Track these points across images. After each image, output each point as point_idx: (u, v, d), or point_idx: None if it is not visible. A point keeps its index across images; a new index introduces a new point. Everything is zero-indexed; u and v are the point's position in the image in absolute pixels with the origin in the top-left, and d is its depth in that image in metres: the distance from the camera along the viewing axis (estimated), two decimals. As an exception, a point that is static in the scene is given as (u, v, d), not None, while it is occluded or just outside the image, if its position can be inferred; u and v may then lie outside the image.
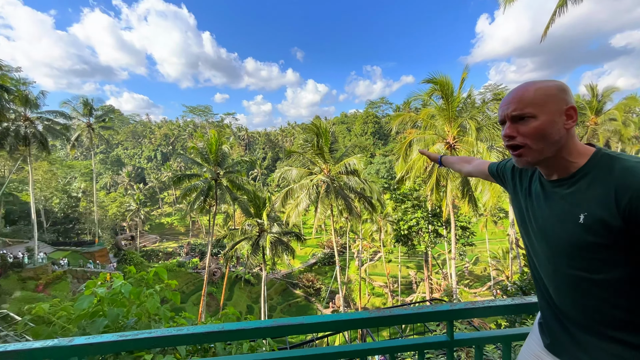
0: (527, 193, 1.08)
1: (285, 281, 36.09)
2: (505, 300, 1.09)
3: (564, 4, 8.89)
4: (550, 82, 0.94)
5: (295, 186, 17.13)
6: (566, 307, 0.97)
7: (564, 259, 0.93)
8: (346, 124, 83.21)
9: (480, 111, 16.29)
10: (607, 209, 0.82)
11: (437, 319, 1.00)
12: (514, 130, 0.96)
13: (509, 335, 1.15)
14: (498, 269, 28.84)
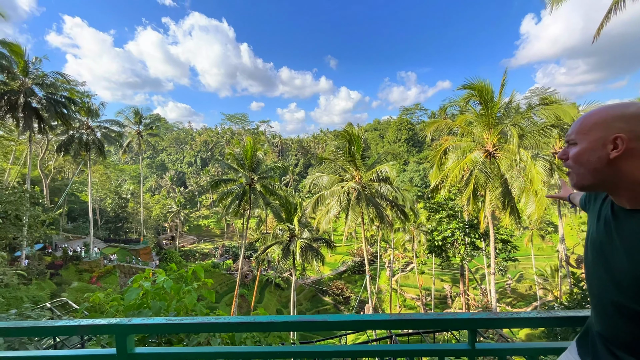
0: (597, 216, 1.07)
1: (315, 287, 36.13)
2: (531, 313, 1.07)
3: (617, 3, 8.18)
4: (618, 109, 0.91)
5: (326, 192, 17.25)
6: (612, 334, 0.96)
7: (623, 291, 0.91)
8: (379, 131, 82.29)
9: (525, 117, 15.33)
10: None
11: (459, 326, 1.01)
12: (565, 152, 1.00)
13: (535, 348, 1.13)
14: (545, 288, 26.45)
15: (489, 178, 14.48)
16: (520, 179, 13.82)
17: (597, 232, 1.02)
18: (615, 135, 0.88)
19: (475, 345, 1.03)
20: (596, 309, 1.03)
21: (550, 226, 32.02)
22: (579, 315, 1.14)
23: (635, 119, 0.87)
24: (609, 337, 0.98)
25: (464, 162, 14.50)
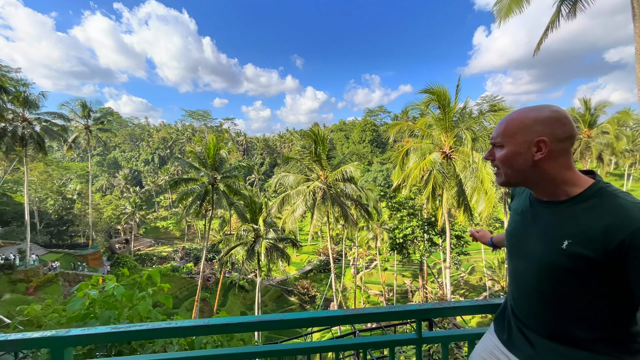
0: (518, 209, 1.15)
1: (280, 288, 35.83)
2: (472, 301, 1.18)
3: (556, 19, 9.18)
4: (535, 112, 0.97)
5: (292, 192, 17.20)
6: (525, 314, 1.07)
7: (535, 276, 1.00)
8: (344, 132, 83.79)
9: (477, 122, 16.54)
10: (593, 243, 0.86)
11: (406, 317, 1.07)
12: (492, 154, 1.07)
13: (472, 334, 1.24)
14: (493, 279, 28.83)
15: (446, 178, 15.44)
16: (472, 179, 14.87)
17: (517, 222, 1.13)
18: (538, 138, 0.94)
19: (422, 334, 1.11)
20: (512, 292, 1.14)
21: (498, 222, 34.91)
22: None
23: (553, 122, 0.94)
24: (520, 316, 1.09)
25: (423, 163, 15.29)
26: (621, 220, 0.83)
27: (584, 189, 0.95)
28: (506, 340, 1.14)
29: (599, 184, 0.94)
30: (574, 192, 0.96)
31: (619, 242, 0.82)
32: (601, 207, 0.89)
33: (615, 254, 0.82)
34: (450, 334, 1.17)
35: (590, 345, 0.93)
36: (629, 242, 0.80)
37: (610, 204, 0.88)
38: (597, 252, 0.85)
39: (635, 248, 0.80)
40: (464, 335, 1.24)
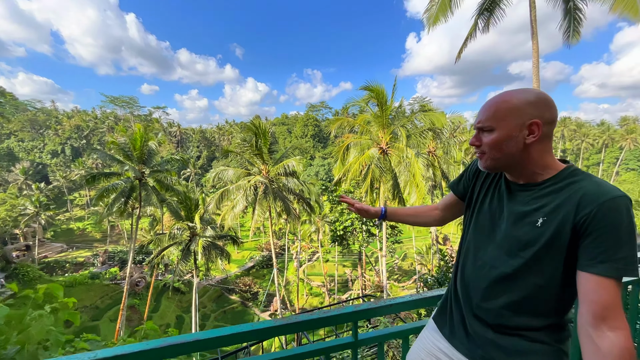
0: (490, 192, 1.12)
1: (220, 287, 34.29)
2: (405, 297, 1.20)
3: (473, 32, 10.34)
4: (523, 95, 0.95)
5: (232, 187, 16.43)
6: (476, 305, 1.04)
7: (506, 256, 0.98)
8: (287, 125, 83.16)
9: (410, 120, 17.87)
10: (565, 218, 0.88)
11: (342, 321, 1.04)
12: (478, 138, 1.03)
13: (406, 329, 1.25)
14: (422, 263, 31.96)
15: (383, 172, 16.41)
16: (406, 173, 16.08)
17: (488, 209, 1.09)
18: (531, 121, 0.92)
19: (358, 336, 1.09)
20: (466, 282, 1.09)
21: (427, 212, 38.59)
22: (440, 293, 1.32)
23: (542, 104, 0.93)
24: (468, 308, 1.07)
25: (363, 158, 16.00)
26: (593, 193, 0.85)
27: (557, 173, 0.97)
28: (449, 334, 1.13)
29: (573, 166, 0.98)
30: (551, 175, 0.98)
31: (587, 213, 0.84)
32: (576, 184, 0.91)
33: (581, 225, 0.85)
34: (385, 332, 1.17)
35: (535, 335, 0.95)
36: (594, 212, 0.83)
37: (584, 182, 0.90)
38: (567, 225, 0.87)
39: (599, 218, 0.82)
40: (398, 332, 1.24)
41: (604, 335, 0.79)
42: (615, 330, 0.78)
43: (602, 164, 68.27)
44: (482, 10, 10.15)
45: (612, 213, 0.82)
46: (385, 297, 18.84)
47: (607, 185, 0.87)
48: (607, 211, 0.82)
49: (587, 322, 0.82)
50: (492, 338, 1.00)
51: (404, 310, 1.19)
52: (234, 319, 29.63)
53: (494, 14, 9.95)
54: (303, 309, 29.43)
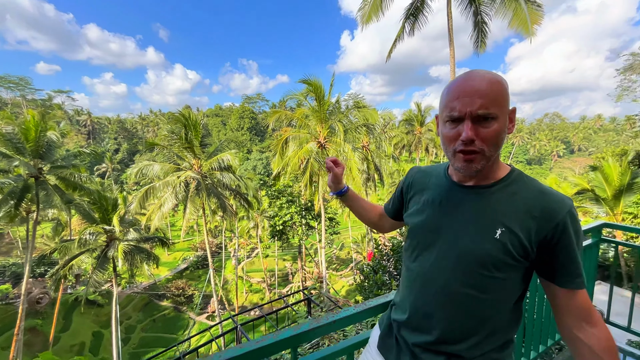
0: (429, 200, 0.97)
1: (148, 294, 31.08)
2: (348, 310, 1.13)
3: (401, 34, 11.11)
4: (501, 78, 0.81)
5: (159, 184, 14.86)
6: (422, 325, 0.92)
7: (460, 274, 0.85)
8: (221, 117, 78.66)
9: (346, 116, 18.49)
10: (526, 229, 0.80)
11: (282, 348, 0.92)
12: (476, 132, 0.79)
13: (351, 345, 1.16)
14: (358, 251, 33.88)
15: (322, 166, 16.73)
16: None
17: (432, 214, 0.94)
18: (512, 107, 0.82)
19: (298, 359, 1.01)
20: (411, 299, 0.97)
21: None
22: (386, 300, 1.25)
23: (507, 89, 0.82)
24: (415, 329, 0.94)
25: (301, 152, 16.04)
26: (552, 205, 0.80)
27: (506, 173, 0.89)
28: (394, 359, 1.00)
29: (517, 169, 0.90)
30: (499, 176, 0.88)
31: (552, 228, 0.79)
32: (528, 192, 0.84)
33: (549, 240, 0.80)
34: (327, 353, 1.08)
35: (484, 355, 0.87)
36: (561, 226, 0.78)
37: (535, 189, 0.83)
38: (529, 239, 0.80)
39: (566, 232, 0.79)
40: (343, 350, 1.15)
41: (589, 333, 0.81)
42: (595, 325, 0.82)
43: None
44: (408, 14, 10.96)
45: (573, 225, 0.80)
46: (325, 287, 19.42)
47: (556, 192, 0.83)
48: (569, 224, 0.79)
49: (573, 326, 0.84)
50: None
51: (349, 324, 1.11)
52: (166, 326, 27.27)
53: (419, 20, 10.85)
54: (243, 306, 28.60)
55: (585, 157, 60.69)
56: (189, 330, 25.84)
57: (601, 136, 77.81)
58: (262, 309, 20.03)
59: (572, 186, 17.75)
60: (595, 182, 15.47)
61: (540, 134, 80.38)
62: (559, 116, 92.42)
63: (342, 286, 29.62)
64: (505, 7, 9.30)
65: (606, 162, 14.82)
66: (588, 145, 77.45)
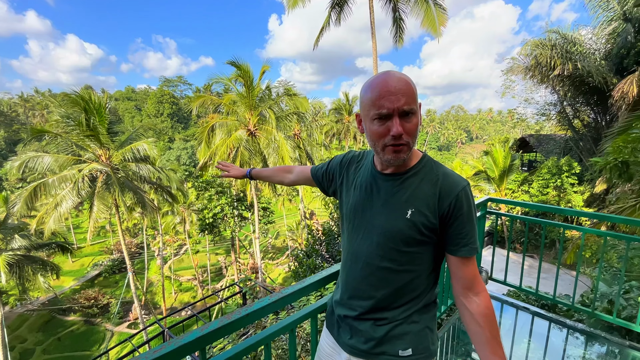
0: (357, 184, 1.09)
1: (49, 309, 26.29)
2: (263, 301, 1.11)
3: (327, 23, 11.28)
4: (408, 76, 0.92)
5: (53, 179, 12.43)
6: (353, 297, 1.05)
7: (379, 249, 0.98)
8: (134, 101, 69.26)
9: (277, 103, 18.14)
10: (431, 208, 0.92)
11: (185, 353, 0.84)
12: (402, 127, 0.88)
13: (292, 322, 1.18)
14: (293, 239, 34.36)
15: (252, 154, 16.22)
16: (275, 155, 16.45)
17: (359, 197, 1.06)
18: (419, 102, 0.93)
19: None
20: (344, 276, 1.11)
21: (294, 191, 41.25)
22: (318, 279, 1.28)
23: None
24: (347, 303, 1.07)
25: (230, 140, 15.25)
26: (449, 185, 0.93)
27: (418, 160, 1.01)
28: (336, 335, 1.12)
29: (427, 156, 1.03)
30: (412, 163, 1.00)
31: (448, 204, 0.91)
32: (433, 175, 0.97)
33: (446, 214, 0.92)
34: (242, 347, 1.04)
35: (407, 317, 1.00)
36: (454, 202, 0.91)
37: (439, 173, 0.97)
38: (434, 216, 0.93)
39: (459, 207, 0.91)
40: (284, 328, 1.17)
41: (472, 300, 0.94)
42: (478, 294, 0.94)
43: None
44: (334, 4, 11.15)
45: (466, 201, 0.92)
46: (261, 277, 19.27)
47: (454, 174, 0.98)
48: (463, 200, 0.92)
49: (460, 293, 0.97)
50: (368, 328, 1.02)
51: (264, 315, 1.10)
52: (75, 343, 23.61)
53: (344, 10, 11.14)
54: (173, 308, 26.48)
55: (481, 144, 72.22)
56: (105, 344, 22.88)
57: (492, 126, 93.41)
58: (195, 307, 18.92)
59: (471, 168, 20.95)
60: (487, 164, 18.53)
61: (448, 124, 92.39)
62: (462, 108, 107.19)
63: (279, 274, 29.82)
64: (418, 6, 10.21)
65: (494, 148, 17.91)
66: (483, 134, 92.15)
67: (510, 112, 72.79)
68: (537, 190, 15.50)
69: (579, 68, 10.98)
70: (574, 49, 12.00)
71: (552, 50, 11.56)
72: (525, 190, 16.83)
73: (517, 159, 18.83)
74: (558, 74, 11.42)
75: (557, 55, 11.35)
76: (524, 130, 58.88)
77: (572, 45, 12.10)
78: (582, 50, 12.31)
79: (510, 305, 2.88)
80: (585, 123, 14.96)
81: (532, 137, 21.58)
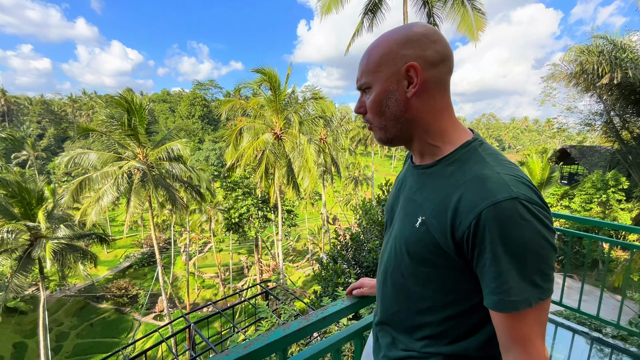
0: (398, 180, 0.92)
1: (84, 296, 28.09)
2: (337, 305, 1.10)
3: (360, 29, 11.29)
4: (395, 33, 0.71)
5: (96, 175, 13.33)
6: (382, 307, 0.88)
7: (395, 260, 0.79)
8: (169, 104, 72.97)
9: (302, 107, 18.38)
10: (442, 224, 0.65)
11: (272, 351, 0.88)
12: (362, 103, 0.77)
13: (340, 340, 1.12)
14: (315, 242, 34.38)
15: (278, 158, 16.48)
16: (299, 158, 16.63)
17: (391, 195, 0.91)
18: (407, 64, 0.68)
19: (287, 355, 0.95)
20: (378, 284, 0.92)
21: (317, 195, 41.36)
22: None
23: (419, 40, 0.68)
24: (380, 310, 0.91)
25: (257, 143, 15.61)
26: (473, 196, 0.61)
27: (456, 148, 0.72)
28: (374, 343, 0.96)
29: (473, 143, 0.71)
30: (445, 152, 0.73)
31: (467, 225, 0.60)
32: (462, 174, 0.66)
33: (464, 240, 0.61)
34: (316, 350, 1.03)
35: (428, 356, 0.76)
36: (474, 225, 0.59)
37: (472, 172, 0.65)
38: (444, 236, 0.65)
39: (481, 233, 0.59)
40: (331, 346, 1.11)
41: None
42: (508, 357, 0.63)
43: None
44: (367, 10, 11.15)
45: (496, 226, 0.57)
46: (282, 279, 19.41)
47: (493, 179, 0.61)
48: (489, 223, 0.58)
49: (500, 347, 0.66)
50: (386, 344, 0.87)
51: (338, 319, 1.10)
52: (106, 330, 24.99)
53: (377, 16, 11.11)
54: (195, 304, 27.35)
55: (514, 154, 68.77)
56: (133, 333, 24.00)
57: (526, 135, 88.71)
58: (217, 305, 19.42)
59: (504, 179, 19.84)
60: (522, 175, 17.48)
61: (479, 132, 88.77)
62: (494, 116, 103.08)
63: (299, 277, 29.89)
64: (455, 11, 9.97)
65: (531, 159, 16.96)
66: (516, 144, 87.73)
67: (549, 120, 68.75)
68: (579, 206, 14.46)
69: (630, 76, 10.17)
70: (624, 56, 11.14)
71: (600, 57, 10.80)
72: (565, 205, 15.76)
73: (557, 171, 17.71)
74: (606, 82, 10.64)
75: (605, 62, 10.59)
76: (564, 140, 55.44)
77: (622, 52, 11.24)
78: (633, 57, 11.42)
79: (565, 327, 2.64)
80: (635, 135, 13.79)
81: (574, 149, 20.20)
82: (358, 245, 5.69)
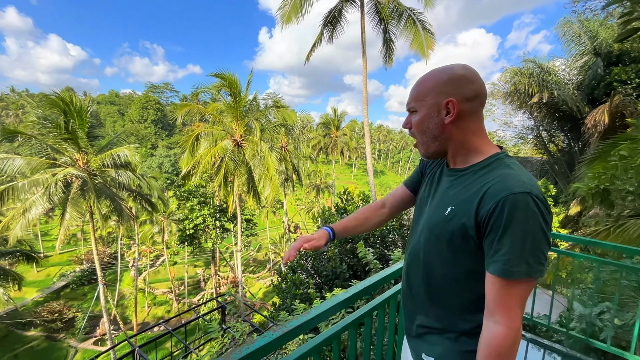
0: (430, 179, 1.11)
1: (6, 323, 24.27)
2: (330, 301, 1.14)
3: (320, 40, 11.52)
4: (440, 74, 0.92)
5: (23, 183, 11.73)
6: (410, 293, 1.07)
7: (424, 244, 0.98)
8: (118, 106, 67.61)
9: (264, 114, 18.14)
10: (471, 210, 0.83)
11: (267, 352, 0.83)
12: (408, 121, 1.01)
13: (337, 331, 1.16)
14: (276, 252, 33.70)
15: (237, 165, 15.99)
16: (260, 166, 16.30)
17: (423, 191, 1.11)
18: (447, 99, 0.89)
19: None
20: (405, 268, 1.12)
21: (279, 203, 40.83)
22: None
23: (458, 81, 0.90)
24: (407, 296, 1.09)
25: (215, 150, 15.01)
26: (498, 188, 0.80)
27: (485, 157, 0.92)
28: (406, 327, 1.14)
29: (500, 155, 0.92)
30: (477, 160, 0.93)
31: (487, 210, 0.79)
32: (489, 175, 0.86)
33: (484, 220, 0.80)
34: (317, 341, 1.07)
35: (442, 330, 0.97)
36: (493, 208, 0.78)
37: (497, 172, 0.85)
38: (471, 220, 0.83)
39: (498, 214, 0.77)
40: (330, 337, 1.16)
41: (489, 325, 0.82)
42: (497, 323, 0.80)
43: (401, 161, 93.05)
44: (326, 22, 11.44)
45: (511, 210, 0.76)
46: (241, 291, 18.62)
47: (514, 178, 0.81)
48: (506, 207, 0.76)
49: (485, 312, 0.85)
50: (424, 333, 1.04)
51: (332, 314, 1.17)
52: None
53: (336, 29, 11.44)
54: (145, 323, 25.05)
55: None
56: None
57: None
58: (169, 323, 17.98)
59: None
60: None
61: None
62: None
63: (260, 288, 28.97)
64: (408, 30, 10.65)
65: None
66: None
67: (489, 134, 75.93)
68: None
69: (555, 96, 11.66)
70: (549, 78, 12.78)
71: (530, 79, 12.26)
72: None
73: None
74: (536, 101, 12.05)
75: (535, 83, 12.03)
76: (503, 151, 61.41)
77: (547, 75, 12.88)
78: (556, 79, 13.14)
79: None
80: (559, 148, 15.75)
81: (511, 159, 22.35)
82: (317, 254, 5.65)
